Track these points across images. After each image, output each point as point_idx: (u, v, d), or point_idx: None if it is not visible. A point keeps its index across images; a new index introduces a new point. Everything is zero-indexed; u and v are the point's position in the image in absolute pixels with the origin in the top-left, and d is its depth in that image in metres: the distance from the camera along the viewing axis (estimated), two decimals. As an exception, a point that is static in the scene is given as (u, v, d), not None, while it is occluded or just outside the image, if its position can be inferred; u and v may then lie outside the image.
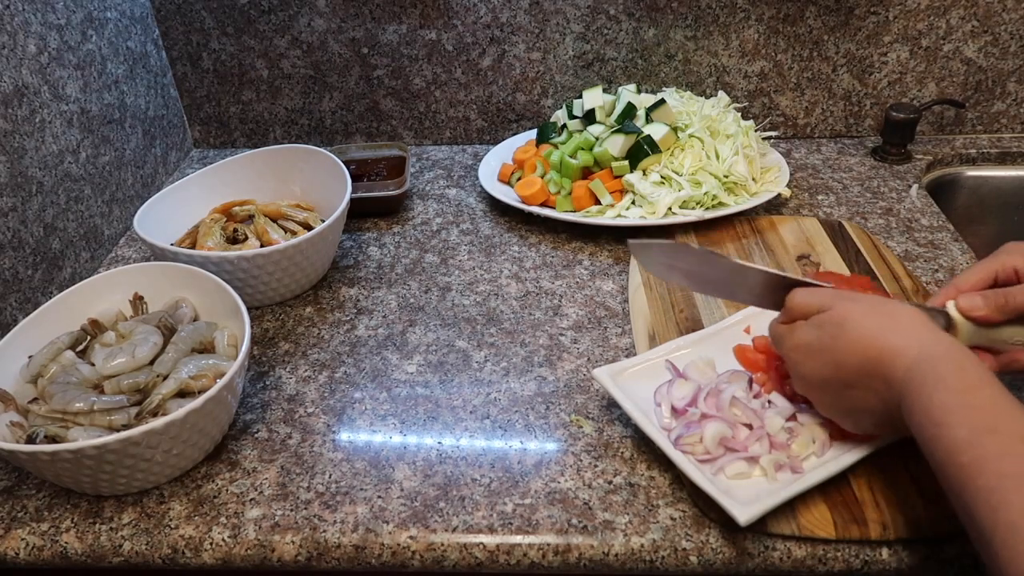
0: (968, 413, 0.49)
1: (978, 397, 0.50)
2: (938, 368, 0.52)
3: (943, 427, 0.50)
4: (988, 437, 0.47)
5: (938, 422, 0.50)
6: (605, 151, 0.99)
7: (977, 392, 0.50)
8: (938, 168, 1.13)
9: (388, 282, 0.93)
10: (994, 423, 0.48)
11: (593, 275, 0.92)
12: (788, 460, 0.62)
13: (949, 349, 0.53)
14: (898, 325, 0.56)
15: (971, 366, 0.52)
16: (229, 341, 0.76)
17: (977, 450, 0.47)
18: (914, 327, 0.56)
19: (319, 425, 0.74)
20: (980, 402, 0.49)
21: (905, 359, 0.54)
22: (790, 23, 1.10)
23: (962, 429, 0.48)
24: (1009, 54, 1.10)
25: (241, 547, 0.63)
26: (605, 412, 0.73)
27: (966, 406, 0.50)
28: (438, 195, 1.11)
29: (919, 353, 0.53)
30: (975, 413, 0.49)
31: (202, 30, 1.15)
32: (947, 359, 0.52)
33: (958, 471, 0.48)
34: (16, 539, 0.65)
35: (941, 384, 0.51)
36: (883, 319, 0.57)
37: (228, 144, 1.27)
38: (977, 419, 0.49)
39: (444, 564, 0.63)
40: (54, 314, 0.76)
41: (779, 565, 0.60)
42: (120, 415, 0.67)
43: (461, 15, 1.12)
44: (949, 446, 0.49)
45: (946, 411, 0.50)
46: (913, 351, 0.54)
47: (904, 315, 0.57)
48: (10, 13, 0.84)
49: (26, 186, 0.86)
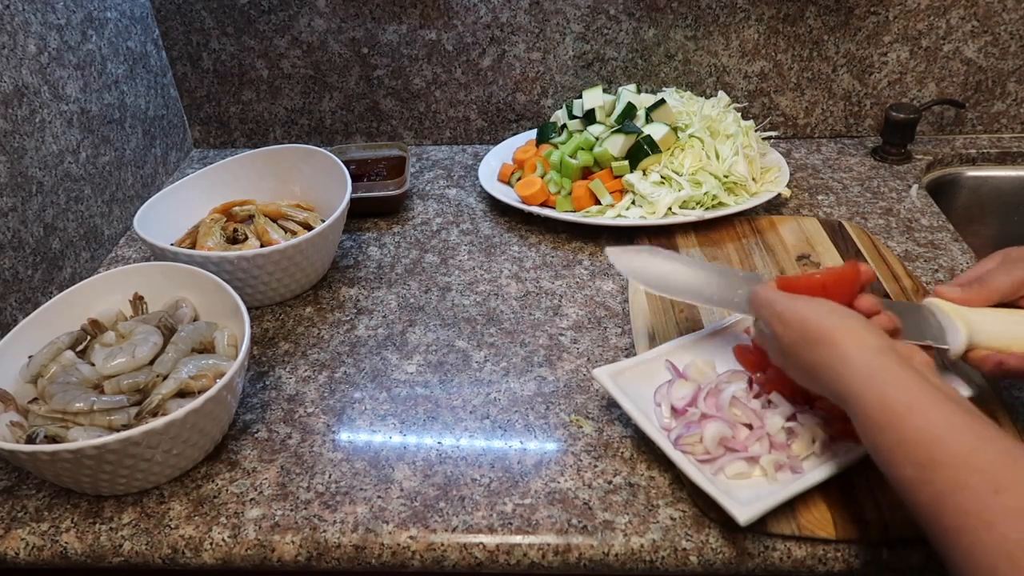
0: (907, 449, 0.48)
1: (908, 430, 0.48)
2: (864, 407, 0.51)
3: (891, 467, 0.49)
4: (934, 471, 0.46)
5: (886, 463, 0.50)
6: (605, 151, 0.99)
7: (905, 424, 0.48)
8: (938, 168, 1.13)
9: (388, 282, 0.93)
10: (934, 454, 0.46)
11: (593, 275, 0.92)
12: (788, 460, 0.62)
13: (868, 376, 0.52)
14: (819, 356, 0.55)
15: (893, 393, 0.50)
16: (229, 341, 0.76)
17: (930, 487, 0.46)
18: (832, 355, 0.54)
19: (319, 425, 0.74)
20: (912, 435, 0.48)
21: (836, 385, 0.54)
22: (790, 23, 1.10)
23: (908, 468, 0.47)
24: (1009, 54, 1.10)
25: (241, 547, 0.63)
26: (605, 412, 0.73)
27: (901, 443, 0.48)
28: (438, 195, 1.11)
29: (844, 386, 0.53)
30: (913, 448, 0.47)
31: (202, 30, 1.15)
32: (867, 390, 0.51)
33: (920, 511, 0.47)
34: (16, 539, 0.65)
35: (872, 425, 0.50)
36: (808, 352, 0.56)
37: (228, 144, 1.27)
38: (918, 453, 0.47)
39: (444, 564, 0.63)
40: (54, 314, 0.76)
41: (779, 565, 0.60)
42: (120, 415, 0.67)
43: (461, 15, 1.12)
44: (903, 487, 0.48)
45: (888, 451, 0.49)
46: (840, 381, 0.53)
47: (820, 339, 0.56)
48: (10, 13, 0.84)
49: (26, 186, 0.86)
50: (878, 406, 0.50)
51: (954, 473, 0.45)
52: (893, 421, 0.49)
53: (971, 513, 0.43)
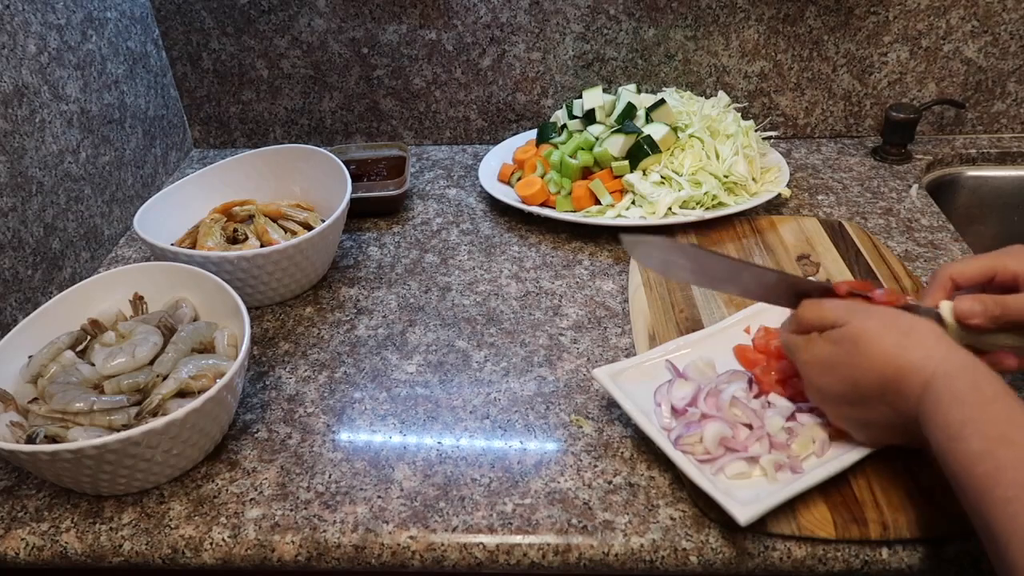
0: (982, 426, 0.50)
1: (992, 410, 0.51)
2: (953, 385, 0.53)
3: (958, 440, 0.50)
4: (1003, 448, 0.48)
5: (954, 436, 0.51)
6: (605, 151, 0.99)
7: (991, 406, 0.51)
8: (938, 168, 1.13)
9: (388, 282, 0.93)
10: (1009, 434, 0.49)
11: (593, 275, 0.92)
12: (788, 460, 0.62)
13: (963, 365, 0.54)
14: (914, 341, 0.56)
15: (985, 381, 0.53)
16: (229, 341, 0.76)
17: (992, 461, 0.48)
18: (929, 342, 0.56)
19: (319, 425, 0.74)
20: (994, 415, 0.50)
21: (922, 375, 0.55)
22: (790, 23, 1.10)
23: (977, 441, 0.49)
24: (1009, 54, 1.10)
25: (241, 547, 0.63)
26: (605, 412, 0.73)
27: (980, 419, 0.50)
28: (438, 195, 1.11)
29: (935, 369, 0.54)
30: (989, 426, 0.50)
31: (202, 30, 1.15)
32: (962, 375, 0.53)
33: (974, 482, 0.49)
34: (16, 539, 0.65)
35: (956, 400, 0.52)
36: (899, 336, 0.57)
37: (228, 144, 1.27)
38: (991, 431, 0.49)
39: (444, 564, 0.63)
40: (54, 314, 0.76)
41: (779, 565, 0.60)
42: (120, 415, 0.67)
43: (461, 15, 1.12)
44: (964, 459, 0.50)
45: (961, 425, 0.51)
46: (929, 367, 0.54)
47: (919, 330, 0.57)
48: (10, 13, 0.84)
49: (26, 186, 0.86)
50: (971, 387, 0.52)
51: (1021, 451, 0.48)
52: (982, 401, 0.51)
53: None
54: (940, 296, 0.63)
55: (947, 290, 0.63)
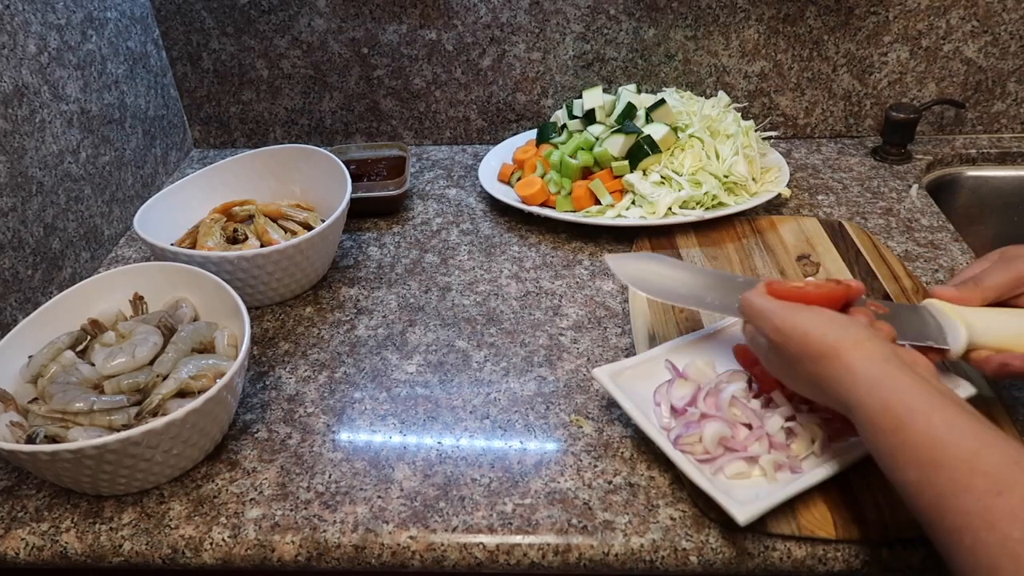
0: (909, 453, 0.48)
1: (911, 434, 0.49)
2: (868, 414, 0.51)
3: (894, 471, 0.50)
4: (936, 473, 0.47)
5: (889, 467, 0.50)
6: (605, 151, 0.99)
7: (908, 429, 0.49)
8: (938, 168, 1.13)
9: (388, 282, 0.93)
10: (936, 457, 0.47)
11: (593, 275, 0.92)
12: (787, 460, 0.62)
13: (870, 386, 0.52)
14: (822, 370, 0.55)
15: (894, 398, 0.51)
16: (229, 341, 0.76)
17: (932, 489, 0.47)
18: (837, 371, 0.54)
19: (319, 425, 0.74)
20: (914, 439, 0.48)
21: (840, 404, 0.54)
22: (790, 23, 1.10)
23: (911, 471, 0.48)
24: (1009, 54, 1.10)
25: (241, 547, 0.63)
26: (605, 412, 0.73)
27: (904, 446, 0.49)
28: (438, 195, 1.11)
29: (847, 400, 0.53)
30: (916, 451, 0.48)
31: (202, 30, 1.15)
32: (872, 399, 0.51)
33: (922, 514, 0.48)
34: (16, 539, 0.65)
35: (876, 430, 0.51)
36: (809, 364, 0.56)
37: (228, 144, 1.27)
38: (920, 456, 0.48)
39: (444, 564, 0.63)
40: (54, 314, 0.76)
41: (779, 565, 0.60)
42: (120, 415, 0.67)
43: (461, 15, 1.12)
44: (906, 490, 0.49)
45: (891, 455, 0.50)
46: (841, 398, 0.54)
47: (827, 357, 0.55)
48: (10, 13, 0.84)
49: (26, 186, 0.86)
50: (881, 411, 0.51)
51: (957, 475, 0.46)
52: (896, 425, 0.50)
53: (973, 514, 0.44)
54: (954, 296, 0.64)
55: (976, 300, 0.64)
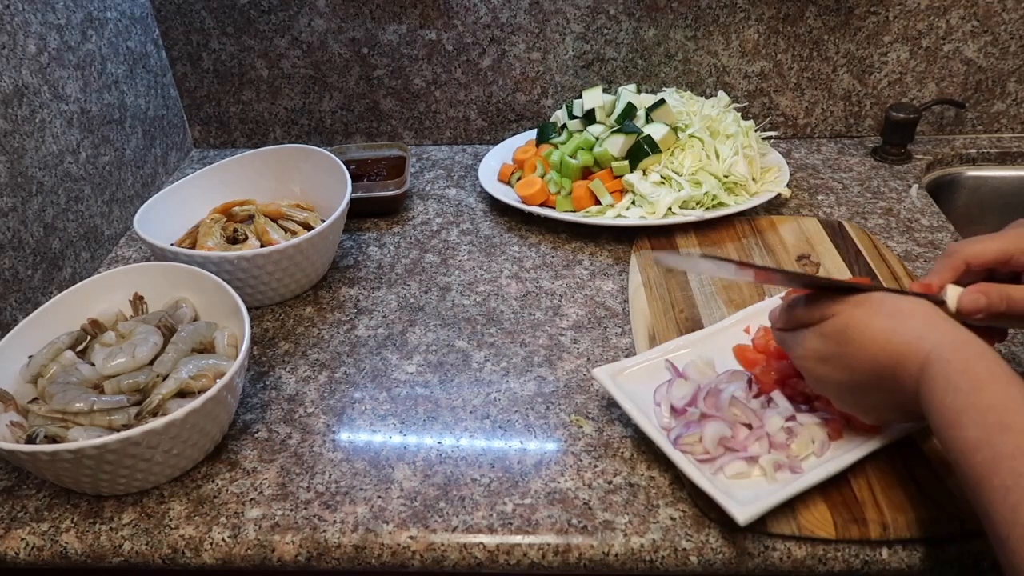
0: (978, 413, 0.49)
1: (986, 396, 0.50)
2: (947, 370, 0.52)
3: (956, 428, 0.50)
4: (1000, 435, 0.48)
5: (951, 424, 0.50)
6: (605, 151, 0.99)
7: (985, 390, 0.50)
8: (938, 168, 1.13)
9: (388, 282, 0.93)
10: (1006, 420, 0.48)
11: (593, 275, 0.92)
12: (787, 460, 0.62)
13: (955, 347, 0.53)
14: (904, 325, 0.55)
15: (980, 362, 0.51)
16: (229, 341, 0.76)
17: (991, 449, 0.47)
18: (919, 324, 0.55)
19: (319, 425, 0.74)
20: (989, 400, 0.49)
21: (916, 359, 0.54)
22: (790, 23, 1.10)
23: (973, 429, 0.49)
24: (1009, 54, 1.10)
25: (241, 547, 0.63)
26: (605, 412, 0.73)
27: (975, 406, 0.49)
28: (438, 195, 1.11)
29: (929, 353, 0.53)
30: (985, 412, 0.49)
31: (202, 30, 1.15)
32: (954, 359, 0.52)
33: (973, 470, 0.48)
34: (16, 539, 0.65)
35: (951, 387, 0.51)
36: (888, 320, 0.56)
37: (228, 144, 1.27)
38: (988, 418, 0.49)
39: (444, 564, 0.63)
40: (54, 314, 0.76)
41: (779, 565, 0.60)
42: (120, 415, 0.67)
43: (461, 15, 1.12)
44: (963, 447, 0.49)
45: (958, 413, 0.50)
46: (923, 351, 0.53)
47: (908, 312, 0.56)
48: (10, 13, 0.84)
49: (26, 186, 0.86)
50: (962, 371, 0.51)
51: (1019, 439, 0.47)
52: (974, 386, 0.50)
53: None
54: (949, 277, 0.62)
55: (958, 272, 0.62)
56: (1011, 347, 0.77)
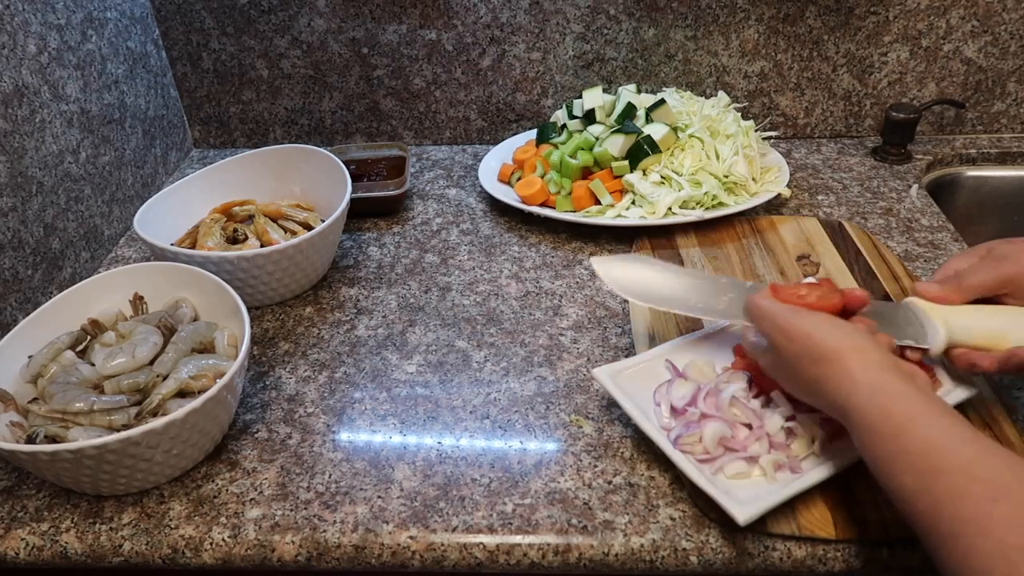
0: (906, 459, 0.48)
1: (912, 440, 0.49)
2: (866, 416, 0.52)
3: (890, 477, 0.50)
4: (935, 480, 0.47)
5: (884, 473, 0.50)
6: (605, 151, 0.99)
7: (909, 434, 0.49)
8: (938, 168, 1.13)
9: (388, 282, 0.93)
10: (937, 463, 0.47)
11: (593, 275, 0.92)
12: (787, 460, 0.62)
13: (871, 391, 0.52)
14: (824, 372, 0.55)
15: (895, 406, 0.51)
16: (229, 341, 0.76)
17: (929, 496, 0.47)
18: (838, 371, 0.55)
19: (319, 425, 0.74)
20: (915, 445, 0.49)
21: (837, 408, 0.55)
22: (790, 23, 1.10)
23: (908, 477, 0.48)
24: (1009, 54, 1.10)
25: (241, 547, 0.63)
26: (605, 412, 0.73)
27: (902, 452, 0.49)
28: (438, 195, 1.11)
29: (845, 403, 0.53)
30: (913, 458, 0.48)
31: (202, 30, 1.15)
32: (870, 405, 0.52)
33: (917, 519, 0.48)
34: (16, 539, 0.65)
35: (875, 435, 0.51)
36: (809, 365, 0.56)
37: (228, 144, 1.27)
38: (918, 463, 0.48)
39: (444, 564, 0.63)
40: (54, 314, 0.76)
41: (779, 565, 0.60)
42: (120, 415, 0.67)
43: (461, 15, 1.12)
44: (902, 495, 0.49)
45: (888, 462, 0.50)
46: (840, 400, 0.54)
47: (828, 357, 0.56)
48: (10, 13, 0.84)
49: (26, 186, 0.86)
50: (881, 417, 0.51)
51: (954, 481, 0.46)
52: (895, 431, 0.50)
53: (969, 520, 0.44)
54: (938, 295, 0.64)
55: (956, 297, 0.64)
56: (1011, 347, 0.77)
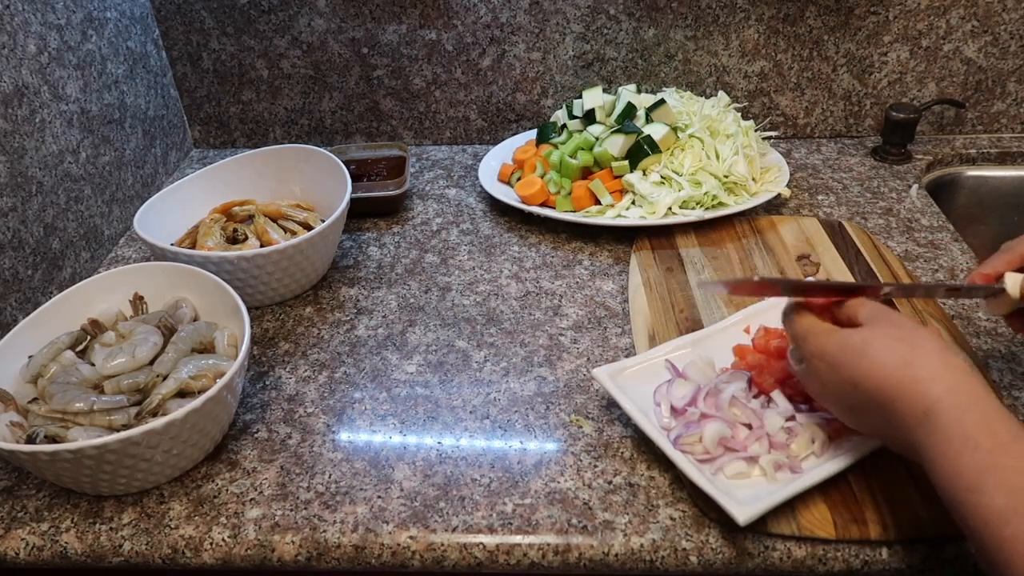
0: (1005, 476, 0.44)
1: (1012, 456, 0.45)
2: (963, 422, 0.47)
3: (977, 493, 0.45)
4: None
5: (970, 487, 0.45)
6: (605, 151, 0.99)
7: (1010, 449, 0.45)
8: (938, 168, 1.13)
9: (388, 282, 0.93)
10: None
11: (593, 275, 0.92)
12: (787, 460, 0.62)
13: (974, 396, 0.48)
14: (921, 360, 0.51)
15: (999, 420, 0.47)
16: (229, 341, 0.76)
17: (1022, 520, 0.43)
18: (936, 363, 0.51)
19: (319, 425, 0.74)
20: (1016, 462, 0.45)
21: (924, 400, 0.50)
22: (790, 23, 1.10)
23: (1000, 496, 0.44)
24: (1009, 54, 1.10)
25: (241, 547, 0.63)
26: (605, 412, 0.73)
27: (1001, 467, 0.45)
28: (438, 195, 1.11)
29: (940, 397, 0.49)
30: (1013, 475, 0.44)
31: (202, 30, 1.15)
32: (972, 410, 0.48)
33: (1003, 545, 0.43)
34: (16, 539, 0.65)
35: (968, 443, 0.46)
36: (906, 349, 0.52)
37: (228, 144, 1.27)
38: (1016, 481, 0.44)
39: (444, 564, 0.63)
40: (54, 314, 0.76)
41: (779, 565, 0.60)
42: (120, 415, 0.67)
43: (461, 15, 1.12)
44: (987, 515, 0.44)
45: (979, 475, 0.45)
46: (933, 393, 0.49)
47: (927, 348, 0.52)
48: (10, 13, 0.84)
49: (26, 186, 0.86)
50: (982, 427, 0.47)
51: None
52: (997, 440, 0.46)
53: None
54: (1005, 269, 0.61)
55: (1013, 266, 0.61)
56: (1011, 347, 0.77)
